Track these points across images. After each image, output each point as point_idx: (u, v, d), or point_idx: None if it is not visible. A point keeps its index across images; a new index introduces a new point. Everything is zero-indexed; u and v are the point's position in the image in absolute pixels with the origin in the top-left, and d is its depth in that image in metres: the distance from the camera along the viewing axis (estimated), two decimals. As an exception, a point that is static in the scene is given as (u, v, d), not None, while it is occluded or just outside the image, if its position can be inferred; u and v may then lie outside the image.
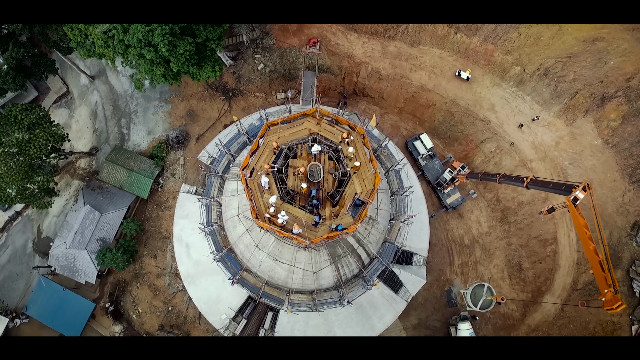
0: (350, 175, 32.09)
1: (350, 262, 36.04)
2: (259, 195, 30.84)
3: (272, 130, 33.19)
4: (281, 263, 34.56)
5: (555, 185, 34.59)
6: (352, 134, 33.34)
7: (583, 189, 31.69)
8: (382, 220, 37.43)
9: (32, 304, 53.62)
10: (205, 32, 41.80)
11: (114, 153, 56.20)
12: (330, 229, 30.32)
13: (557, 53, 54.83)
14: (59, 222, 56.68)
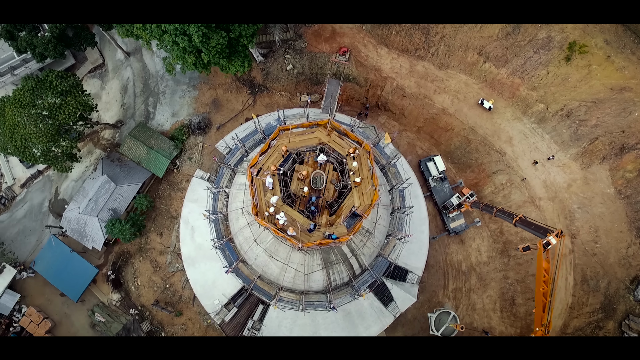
0: (351, 188, 33.34)
1: (342, 269, 37.25)
2: (262, 194, 32.28)
3: (284, 134, 34.60)
4: (276, 260, 35.97)
5: (536, 228, 37.69)
6: (359, 149, 34.52)
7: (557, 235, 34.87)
8: (378, 235, 38.50)
9: (39, 260, 56.18)
10: (240, 29, 43.38)
11: (138, 129, 58.40)
12: (324, 236, 31.61)
13: (582, 96, 54.92)
14: (76, 186, 59.18)
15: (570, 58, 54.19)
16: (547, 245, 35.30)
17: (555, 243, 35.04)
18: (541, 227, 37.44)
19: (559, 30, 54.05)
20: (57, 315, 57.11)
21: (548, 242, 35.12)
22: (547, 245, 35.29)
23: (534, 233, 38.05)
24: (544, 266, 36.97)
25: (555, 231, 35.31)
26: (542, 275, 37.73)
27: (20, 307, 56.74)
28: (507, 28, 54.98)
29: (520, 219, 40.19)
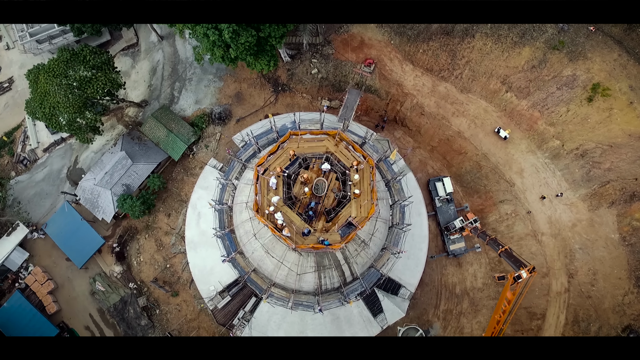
0: (350, 198, 34.48)
1: (334, 275, 38.39)
2: (265, 193, 33.69)
3: (294, 139, 35.92)
4: (271, 257, 37.30)
5: (515, 261, 40.41)
6: (363, 163, 35.60)
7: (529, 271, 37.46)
8: (373, 247, 39.49)
9: (51, 224, 58.46)
10: (270, 30, 44.73)
11: (160, 111, 60.31)
12: (317, 241, 32.83)
13: (599, 139, 55.03)
14: (95, 158, 61.35)
15: (593, 99, 54.36)
16: (517, 278, 37.50)
17: (525, 277, 37.20)
18: (519, 261, 39.81)
19: (585, 70, 54.26)
20: (60, 279, 59.39)
21: (519, 276, 37.29)
22: (518, 278, 37.48)
23: (511, 265, 40.51)
24: (508, 297, 39.04)
25: (528, 267, 37.67)
26: (503, 305, 40.36)
27: (28, 265, 59.22)
28: (534, 61, 55.39)
29: (506, 250, 42.64)
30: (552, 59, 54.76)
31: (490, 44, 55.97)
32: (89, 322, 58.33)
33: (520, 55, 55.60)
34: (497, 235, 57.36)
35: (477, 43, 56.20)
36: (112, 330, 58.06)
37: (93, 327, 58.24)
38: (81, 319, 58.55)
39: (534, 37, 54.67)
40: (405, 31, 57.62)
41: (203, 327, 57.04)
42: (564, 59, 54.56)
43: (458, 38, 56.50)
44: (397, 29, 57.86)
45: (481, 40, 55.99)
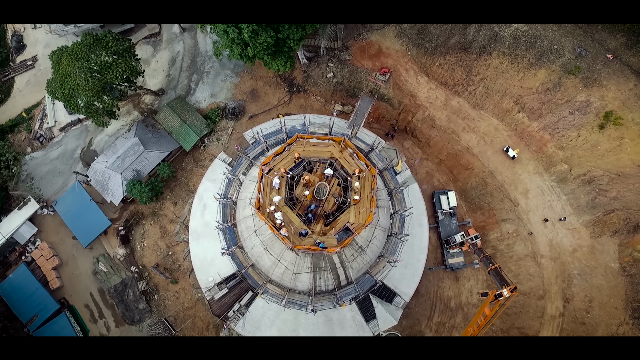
0: (349, 204, 35.21)
1: (329, 277, 39.15)
2: (268, 192, 34.62)
3: (301, 142, 36.79)
4: (269, 254, 38.15)
5: (501, 279, 42.36)
6: (365, 171, 36.29)
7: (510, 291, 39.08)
8: (370, 253, 40.15)
9: (61, 202, 59.98)
10: (289, 31, 45.59)
11: (176, 101, 61.54)
12: (314, 243, 33.62)
13: (608, 167, 54.97)
14: (108, 141, 62.76)
15: (604, 127, 54.33)
16: (499, 295, 39.00)
17: (505, 296, 38.65)
18: (504, 280, 41.53)
19: (599, 97, 54.26)
20: (65, 256, 60.91)
21: (500, 294, 38.75)
22: (499, 296, 38.98)
23: (496, 282, 42.50)
24: (486, 312, 40.73)
25: (510, 286, 39.30)
26: (479, 320, 42.21)
27: (35, 240, 60.83)
28: (549, 84, 55.51)
29: (495, 269, 44.33)
30: (567, 83, 54.83)
31: (507, 63, 56.20)
32: (89, 301, 59.76)
33: (536, 77, 55.76)
34: (497, 253, 57.74)
35: (494, 61, 56.47)
36: (110, 310, 59.40)
37: (92, 306, 59.64)
38: (82, 297, 59.98)
39: (551, 60, 54.78)
40: (424, 43, 58.09)
41: (199, 316, 58.11)
42: (579, 84, 54.60)
43: (475, 54, 56.81)
44: (415, 40, 58.36)
45: (498, 59, 56.25)
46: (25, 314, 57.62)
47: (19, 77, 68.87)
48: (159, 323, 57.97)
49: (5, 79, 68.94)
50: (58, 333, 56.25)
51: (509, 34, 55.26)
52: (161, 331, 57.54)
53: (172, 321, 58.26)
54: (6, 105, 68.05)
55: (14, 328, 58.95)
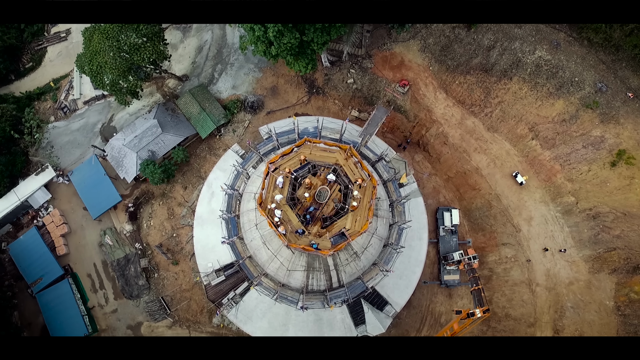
0: (347, 211, 36.28)
1: (321, 278, 40.24)
2: (271, 189, 35.84)
3: (309, 145, 37.96)
4: (267, 248, 39.40)
5: (478, 301, 45.09)
6: (366, 181, 37.28)
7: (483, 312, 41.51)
8: (364, 260, 41.11)
9: (77, 173, 62.07)
10: (313, 35, 46.61)
11: (198, 89, 63.13)
12: (309, 243, 34.80)
13: (615, 204, 54.99)
14: (128, 120, 64.68)
15: (616, 164, 54.34)
16: (471, 314, 40.73)
17: (477, 315, 40.79)
18: (481, 301, 44.03)
19: (614, 134, 54.27)
20: (74, 225, 63.06)
21: (473, 313, 40.58)
22: (472, 315, 40.72)
23: (474, 302, 45.35)
24: (454, 328, 42.33)
25: (484, 308, 41.59)
26: (446, 333, 43.98)
27: (48, 206, 63.09)
28: (565, 115, 55.68)
29: (478, 289, 46.77)
30: (584, 116, 54.93)
31: (526, 90, 56.49)
32: (92, 271, 61.81)
33: (553, 107, 55.95)
34: (493, 276, 58.19)
35: (513, 86, 56.80)
36: (111, 283, 61.36)
37: (94, 276, 61.68)
38: (85, 267, 62.05)
39: (570, 92, 54.92)
40: (446, 60, 58.64)
41: (194, 299, 59.70)
42: (596, 119, 54.66)
43: (495, 77, 57.19)
44: (438, 57, 58.93)
45: (518, 84, 56.56)
46: (31, 275, 59.88)
47: (51, 47, 71.33)
48: (155, 301, 59.70)
49: (38, 47, 71.45)
50: (59, 298, 58.40)
51: (531, 61, 55.55)
52: (157, 309, 59.30)
53: (169, 301, 59.96)
54: (36, 73, 70.56)
55: (19, 287, 61.38)
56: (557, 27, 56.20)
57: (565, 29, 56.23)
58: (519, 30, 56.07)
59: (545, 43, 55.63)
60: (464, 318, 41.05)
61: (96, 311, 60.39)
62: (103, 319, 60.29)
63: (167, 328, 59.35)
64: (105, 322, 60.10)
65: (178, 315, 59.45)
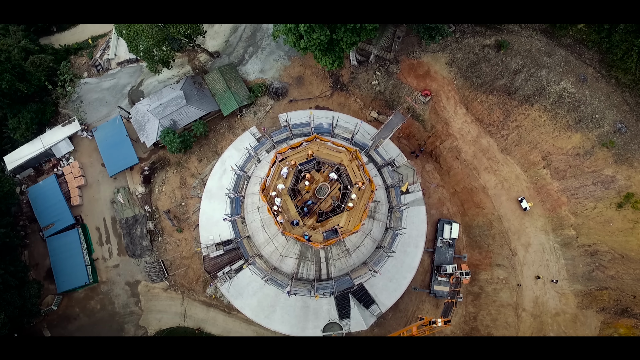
0: (344, 210, 37.85)
1: (311, 268, 42.07)
2: (275, 178, 37.69)
3: (317, 142, 39.53)
4: (265, 232, 41.32)
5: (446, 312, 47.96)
6: (366, 184, 38.73)
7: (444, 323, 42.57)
8: (355, 257, 42.77)
9: (100, 130, 64.77)
10: (344, 35, 47.75)
11: (227, 67, 64.94)
12: (302, 234, 36.61)
13: (614, 245, 55.44)
14: (156, 87, 66.93)
15: (622, 206, 54.68)
16: (432, 322, 42.42)
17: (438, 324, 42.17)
18: (447, 313, 46.48)
19: (626, 177, 54.50)
20: (91, 179, 65.97)
21: (435, 321, 42.18)
22: (432, 323, 42.42)
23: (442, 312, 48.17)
24: (413, 331, 43.84)
25: (446, 319, 42.96)
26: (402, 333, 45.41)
27: (69, 157, 66.05)
28: (580, 149, 56.02)
29: (451, 302, 49.03)
30: (598, 154, 55.20)
31: (546, 118, 56.87)
32: (101, 225, 64.74)
33: (570, 139, 56.27)
34: (482, 294, 59.21)
35: (534, 113, 57.21)
36: (117, 239, 64.21)
37: (102, 230, 64.61)
38: (95, 220, 65.00)
39: (589, 128, 55.16)
40: (471, 77, 59.23)
41: (192, 267, 62.17)
42: (610, 159, 54.89)
43: (517, 102, 57.68)
44: (464, 72, 59.54)
45: (538, 112, 56.97)
46: (44, 220, 63.06)
47: (95, 5, 73.71)
48: (155, 263, 62.40)
49: (82, 4, 73.87)
50: (67, 245, 61.53)
51: (555, 91, 55.83)
52: (156, 271, 62.02)
53: (168, 265, 62.57)
54: (76, 29, 73.30)
55: (32, 229, 64.71)
56: (587, 61, 56.31)
57: (595, 64, 56.29)
58: (548, 59, 56.33)
59: (572, 76, 55.82)
60: (425, 324, 42.38)
61: (99, 263, 63.41)
62: (105, 271, 63.31)
63: (162, 290, 62.08)
64: (106, 275, 63.12)
65: (175, 280, 62.07)
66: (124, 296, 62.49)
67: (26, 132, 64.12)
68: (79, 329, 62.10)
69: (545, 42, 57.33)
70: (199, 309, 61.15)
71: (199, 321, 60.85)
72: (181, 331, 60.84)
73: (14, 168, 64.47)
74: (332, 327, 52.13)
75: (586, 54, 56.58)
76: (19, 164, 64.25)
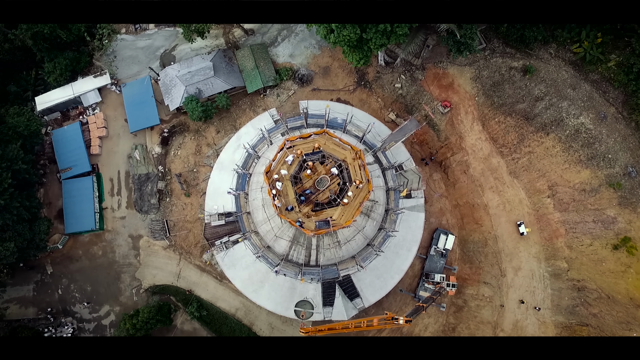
0: (339, 204, 39.63)
1: (302, 252, 44.10)
2: (280, 163, 39.56)
3: (325, 136, 41.20)
4: (264, 211, 43.42)
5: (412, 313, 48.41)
6: (364, 184, 40.39)
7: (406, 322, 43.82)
8: (344, 250, 44.63)
9: (129, 87, 67.29)
10: (374, 36, 48.80)
11: (258, 46, 66.60)
12: (296, 220, 38.62)
13: (603, 285, 56.18)
14: (188, 54, 68.98)
15: (618, 248, 55.24)
16: (395, 319, 43.63)
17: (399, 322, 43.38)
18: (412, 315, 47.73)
19: (626, 221, 54.93)
20: (112, 131, 68.79)
21: (397, 319, 43.39)
22: (395, 319, 43.61)
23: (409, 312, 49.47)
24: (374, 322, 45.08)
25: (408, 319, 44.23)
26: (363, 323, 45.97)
27: (96, 108, 68.89)
28: (587, 185, 56.48)
29: (421, 306, 50.68)
30: (604, 193, 55.63)
31: (559, 149, 57.34)
32: (115, 177, 67.70)
33: (578, 174, 56.74)
34: (465, 307, 60.62)
35: (548, 142, 57.69)
36: (127, 192, 67.13)
37: (115, 182, 67.59)
38: (110, 171, 67.97)
39: (600, 166, 55.53)
40: (493, 96, 59.80)
41: (193, 232, 64.84)
42: (614, 200, 55.29)
43: (534, 128, 58.19)
44: (487, 90, 60.11)
45: (552, 142, 57.44)
46: (63, 163, 66.24)
47: (143, -35, 75.67)
48: (160, 221, 65.22)
49: (131, -39, 75.89)
50: (80, 190, 64.76)
51: (573, 124, 56.20)
52: (159, 229, 64.89)
53: (171, 225, 65.35)
54: (122, -15, 75.33)
55: (50, 170, 68.04)
56: (611, 100, 56.36)
57: (617, 105, 56.34)
58: (572, 92, 56.58)
59: (593, 112, 56.04)
60: (387, 319, 43.81)
61: (107, 212, 66.55)
62: (111, 221, 66.45)
63: (162, 248, 65.01)
64: (112, 225, 66.27)
65: (175, 241, 64.87)
66: (125, 247, 65.64)
67: (59, 77, 66.92)
68: (79, 270, 65.66)
69: (572, 74, 57.46)
70: (193, 272, 64.00)
71: (191, 283, 63.75)
72: (173, 290, 63.87)
73: (43, 109, 67.58)
74: (305, 305, 53.99)
75: (611, 93, 56.59)
76: (49, 106, 67.30)
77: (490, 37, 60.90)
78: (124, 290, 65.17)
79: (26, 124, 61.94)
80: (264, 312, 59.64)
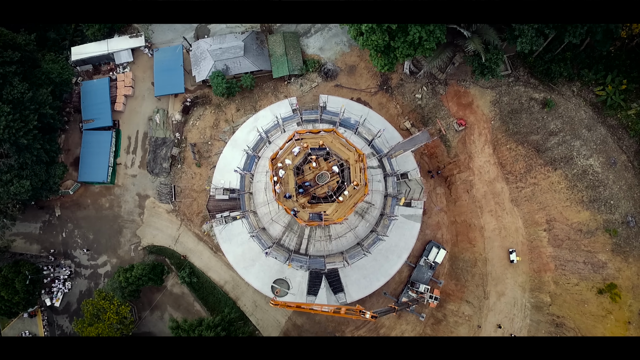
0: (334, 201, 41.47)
1: (293, 239, 46.13)
2: (287, 152, 41.47)
3: (333, 135, 42.86)
4: (265, 194, 45.50)
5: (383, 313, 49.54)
6: (360, 186, 42.03)
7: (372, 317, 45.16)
8: (334, 245, 46.53)
9: (161, 52, 69.58)
10: (401, 45, 49.94)
11: (290, 34, 68.16)
12: (291, 208, 40.64)
13: (581, 325, 57.40)
14: (222, 31, 70.81)
15: (602, 293, 56.11)
16: (362, 312, 44.99)
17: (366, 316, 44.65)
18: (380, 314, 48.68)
19: (616, 268, 55.75)
20: (138, 92, 71.28)
21: (364, 312, 44.77)
22: (362, 313, 44.93)
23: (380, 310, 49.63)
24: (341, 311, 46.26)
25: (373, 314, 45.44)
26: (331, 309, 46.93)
27: (127, 66, 71.34)
28: (584, 227, 57.23)
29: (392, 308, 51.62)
30: (599, 237, 56.33)
31: (563, 186, 58.03)
32: (133, 136, 70.34)
33: (578, 214, 57.45)
34: (443, 321, 62.11)
35: (554, 177, 58.41)
36: (142, 152, 69.75)
37: (133, 140, 70.24)
38: (131, 129, 70.59)
39: (600, 210, 56.17)
40: (509, 123, 60.56)
41: (198, 202, 67.28)
42: (608, 246, 55.99)
43: (543, 161, 58.90)
44: (504, 116, 60.88)
45: (558, 177, 58.15)
46: (87, 114, 69.05)
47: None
48: (168, 185, 67.80)
49: None
50: (99, 142, 67.67)
51: (582, 164, 56.79)
52: (166, 192, 67.47)
53: (178, 191, 67.88)
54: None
55: (74, 119, 70.96)
56: (624, 148, 56.75)
57: (630, 153, 56.69)
58: (587, 132, 57.07)
59: (604, 156, 56.53)
60: (355, 312, 45.33)
61: (120, 168, 69.34)
62: (123, 177, 69.26)
63: (165, 211, 67.66)
64: (123, 181, 69.09)
65: (179, 206, 67.43)
66: (131, 204, 68.49)
67: (97, 32, 69.39)
68: (85, 218, 68.80)
69: (591, 115, 57.89)
70: (190, 239, 66.58)
71: (187, 249, 66.39)
72: (169, 252, 66.61)
73: (77, 60, 70.29)
74: (282, 284, 55.93)
75: (625, 141, 56.94)
76: (83, 58, 69.96)
77: (517, 65, 61.47)
78: (123, 244, 68.13)
79: (59, 71, 64.65)
80: (251, 289, 61.87)
